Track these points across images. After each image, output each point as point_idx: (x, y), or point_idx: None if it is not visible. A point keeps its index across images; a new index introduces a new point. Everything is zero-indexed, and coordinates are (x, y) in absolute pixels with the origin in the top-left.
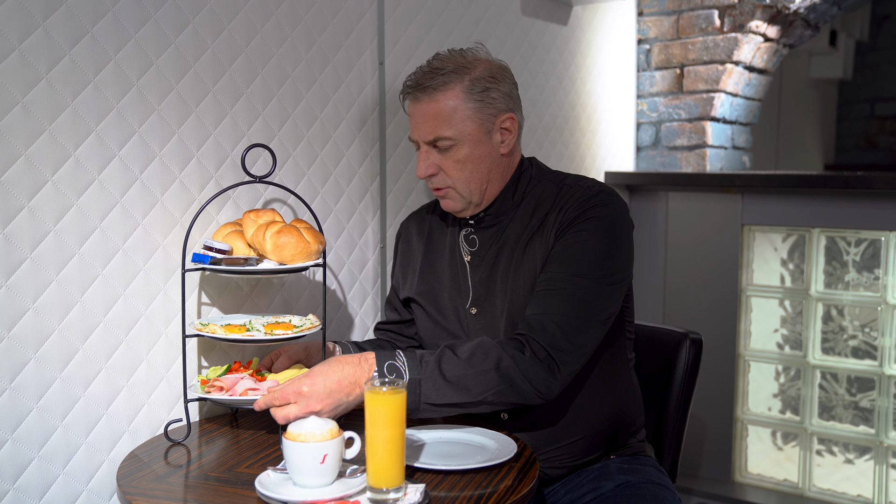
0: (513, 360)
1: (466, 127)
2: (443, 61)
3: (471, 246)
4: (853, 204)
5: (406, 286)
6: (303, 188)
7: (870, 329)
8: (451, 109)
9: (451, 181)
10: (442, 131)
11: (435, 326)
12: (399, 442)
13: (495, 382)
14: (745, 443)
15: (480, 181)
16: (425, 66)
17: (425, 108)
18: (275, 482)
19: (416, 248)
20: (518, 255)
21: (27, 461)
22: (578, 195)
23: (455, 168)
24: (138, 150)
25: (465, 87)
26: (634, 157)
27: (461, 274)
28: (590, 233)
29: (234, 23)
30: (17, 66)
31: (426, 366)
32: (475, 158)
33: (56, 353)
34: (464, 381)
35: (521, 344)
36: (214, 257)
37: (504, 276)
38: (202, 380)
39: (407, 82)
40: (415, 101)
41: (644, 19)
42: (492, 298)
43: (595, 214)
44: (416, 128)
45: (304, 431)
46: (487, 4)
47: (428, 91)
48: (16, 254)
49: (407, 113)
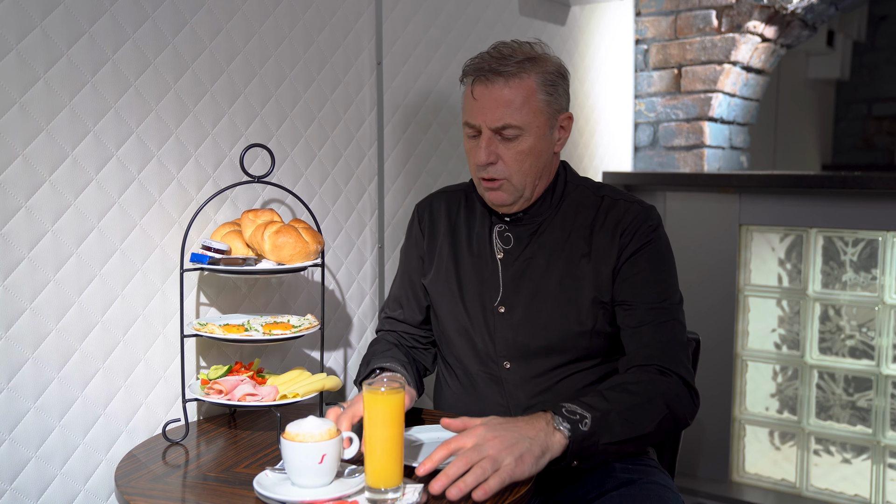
0: (669, 388)
1: (536, 119)
2: (513, 49)
3: (504, 243)
4: (850, 204)
5: (431, 275)
6: (301, 188)
7: (867, 329)
8: (525, 98)
9: (508, 172)
10: (513, 119)
11: (456, 322)
12: (397, 442)
13: (658, 412)
14: (742, 442)
15: (535, 176)
16: (493, 52)
17: (498, 93)
18: (273, 482)
19: (441, 236)
20: (561, 261)
21: (24, 461)
22: (634, 215)
23: (515, 159)
24: (136, 149)
25: (540, 79)
26: (632, 157)
27: (491, 270)
28: (661, 257)
29: (232, 23)
30: (14, 65)
31: (596, 407)
32: (536, 152)
33: (54, 353)
34: (634, 412)
35: (663, 372)
36: (213, 257)
37: (541, 279)
38: (203, 379)
39: (476, 64)
40: (487, 84)
41: (642, 19)
42: (522, 298)
43: (658, 236)
44: (482, 112)
45: (303, 431)
46: (485, 4)
47: (504, 76)
48: (13, 254)
49: (473, 97)
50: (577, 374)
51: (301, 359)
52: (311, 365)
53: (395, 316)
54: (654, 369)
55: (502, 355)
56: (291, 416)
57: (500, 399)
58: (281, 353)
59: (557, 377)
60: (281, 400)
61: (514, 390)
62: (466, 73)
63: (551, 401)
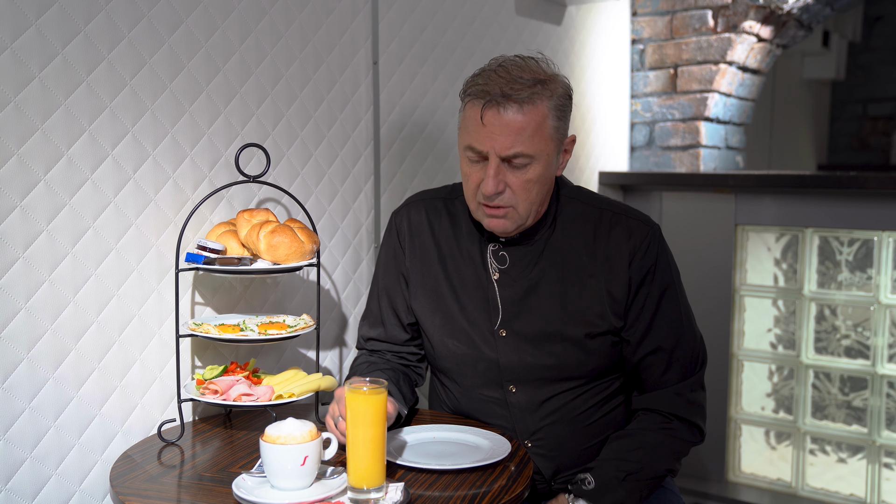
0: (685, 441)
1: (547, 146)
2: (521, 69)
3: (500, 263)
4: (846, 204)
5: (420, 299)
6: (297, 188)
7: (862, 328)
8: (538, 126)
9: (515, 201)
10: (524, 147)
11: (453, 349)
12: (380, 442)
13: (669, 464)
14: (738, 442)
15: (540, 203)
16: (502, 72)
17: (510, 121)
18: (252, 486)
19: (425, 254)
20: (564, 282)
21: (19, 462)
22: (641, 237)
23: (524, 188)
24: (131, 149)
25: (552, 104)
26: (628, 157)
27: (488, 292)
28: (674, 285)
29: (227, 22)
30: (9, 64)
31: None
32: (543, 179)
33: (49, 354)
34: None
35: (665, 420)
36: (208, 257)
37: (543, 300)
38: (198, 379)
39: (484, 87)
40: (498, 110)
41: (638, 19)
42: (524, 321)
43: (666, 261)
44: (491, 139)
45: (284, 434)
46: (481, 4)
47: (518, 102)
48: (8, 253)
49: (482, 122)
50: (586, 393)
51: (297, 359)
52: (307, 365)
53: (375, 336)
54: (674, 419)
55: (508, 380)
56: (287, 416)
57: (507, 423)
58: (277, 353)
59: (565, 400)
60: (276, 400)
61: (521, 414)
62: (473, 94)
63: (560, 423)
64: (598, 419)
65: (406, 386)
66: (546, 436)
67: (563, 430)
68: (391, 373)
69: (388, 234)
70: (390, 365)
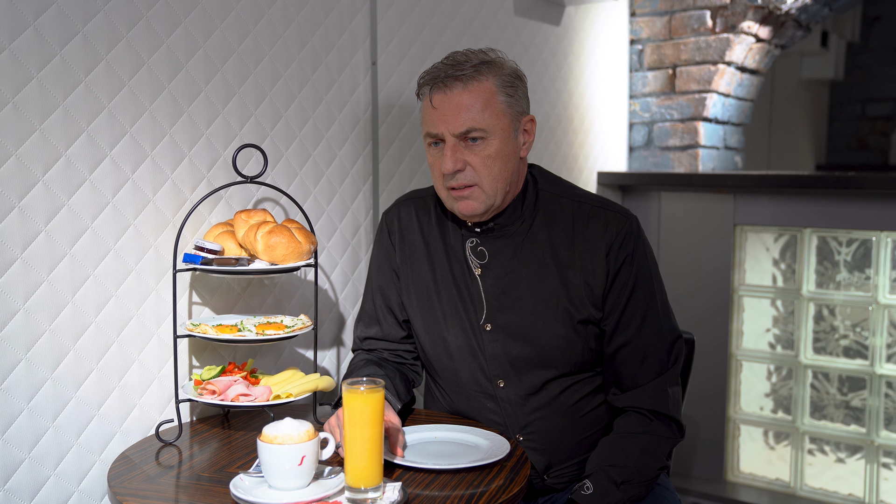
0: (670, 439)
1: (500, 121)
2: (467, 56)
3: (479, 258)
4: (844, 204)
5: (411, 297)
6: (295, 188)
7: (861, 329)
8: (486, 100)
9: (478, 177)
10: (477, 122)
11: (441, 345)
12: (377, 441)
13: (656, 449)
14: (737, 442)
15: (506, 181)
16: (448, 60)
17: (458, 99)
18: (250, 486)
19: (415, 251)
20: (544, 274)
21: (18, 462)
22: (618, 229)
23: (484, 164)
24: (130, 149)
25: (498, 81)
26: (627, 158)
27: (471, 288)
28: (649, 277)
29: (226, 22)
30: (7, 65)
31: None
32: (504, 156)
33: (47, 354)
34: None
35: (647, 420)
36: (206, 257)
37: (525, 293)
38: (196, 380)
39: (431, 74)
40: (445, 90)
41: (636, 20)
42: (508, 315)
43: (644, 253)
44: (443, 120)
45: (282, 433)
46: (480, 4)
47: (462, 80)
48: (6, 254)
49: (433, 106)
50: (573, 386)
51: (295, 359)
52: (305, 365)
53: (372, 335)
54: (655, 417)
55: (495, 374)
56: (285, 416)
57: (497, 418)
58: (274, 353)
59: (553, 393)
60: (274, 400)
61: (510, 409)
62: (422, 84)
63: (550, 417)
64: (587, 412)
65: (402, 385)
66: (537, 429)
67: (554, 424)
68: (389, 370)
69: (379, 233)
70: (388, 364)
